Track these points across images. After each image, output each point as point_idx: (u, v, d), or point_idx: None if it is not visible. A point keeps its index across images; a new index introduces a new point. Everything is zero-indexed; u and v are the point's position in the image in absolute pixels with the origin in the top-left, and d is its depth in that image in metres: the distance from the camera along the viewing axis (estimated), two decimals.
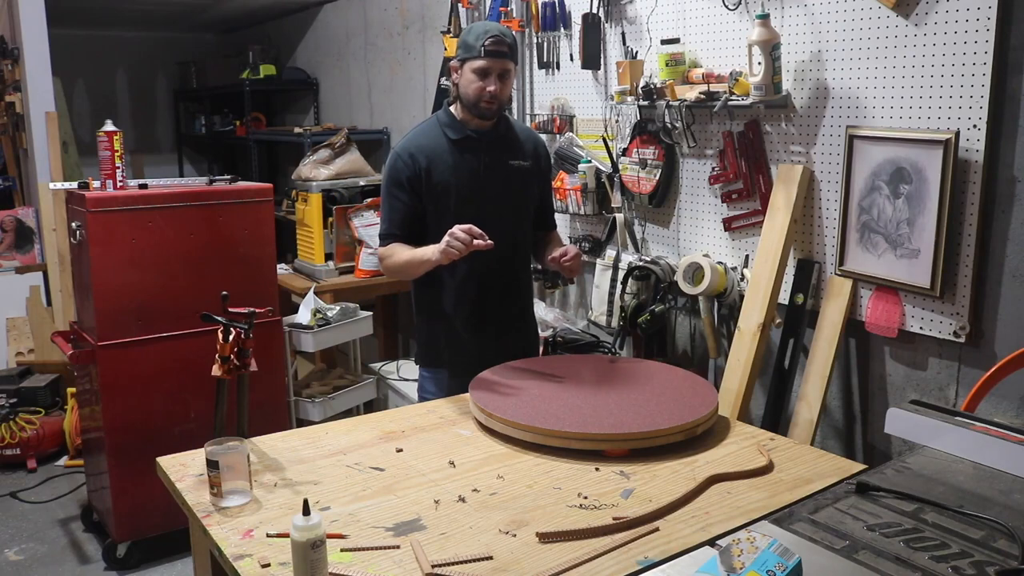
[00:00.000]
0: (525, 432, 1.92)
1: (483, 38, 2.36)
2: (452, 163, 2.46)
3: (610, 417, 1.94)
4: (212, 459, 1.64)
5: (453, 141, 2.47)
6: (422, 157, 2.46)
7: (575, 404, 2.04)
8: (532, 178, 2.60)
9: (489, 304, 2.54)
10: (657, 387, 2.16)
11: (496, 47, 2.36)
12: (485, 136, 2.50)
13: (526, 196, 2.60)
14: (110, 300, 2.98)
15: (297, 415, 3.89)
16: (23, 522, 3.56)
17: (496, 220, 2.41)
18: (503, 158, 2.52)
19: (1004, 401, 2.15)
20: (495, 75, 2.38)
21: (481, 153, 2.49)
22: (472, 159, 2.48)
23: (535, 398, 2.08)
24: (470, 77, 2.40)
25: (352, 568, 1.42)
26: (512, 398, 2.08)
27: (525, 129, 2.72)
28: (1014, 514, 1.40)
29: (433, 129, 2.52)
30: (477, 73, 2.38)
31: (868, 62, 2.37)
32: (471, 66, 2.39)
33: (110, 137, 3.00)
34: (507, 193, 2.52)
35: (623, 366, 2.41)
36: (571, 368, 2.36)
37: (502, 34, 2.38)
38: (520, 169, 2.55)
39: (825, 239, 2.56)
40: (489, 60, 2.37)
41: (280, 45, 6.61)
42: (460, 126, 2.49)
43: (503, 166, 2.52)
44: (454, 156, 2.47)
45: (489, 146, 2.50)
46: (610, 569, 1.41)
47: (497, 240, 2.32)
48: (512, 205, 2.55)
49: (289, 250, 4.73)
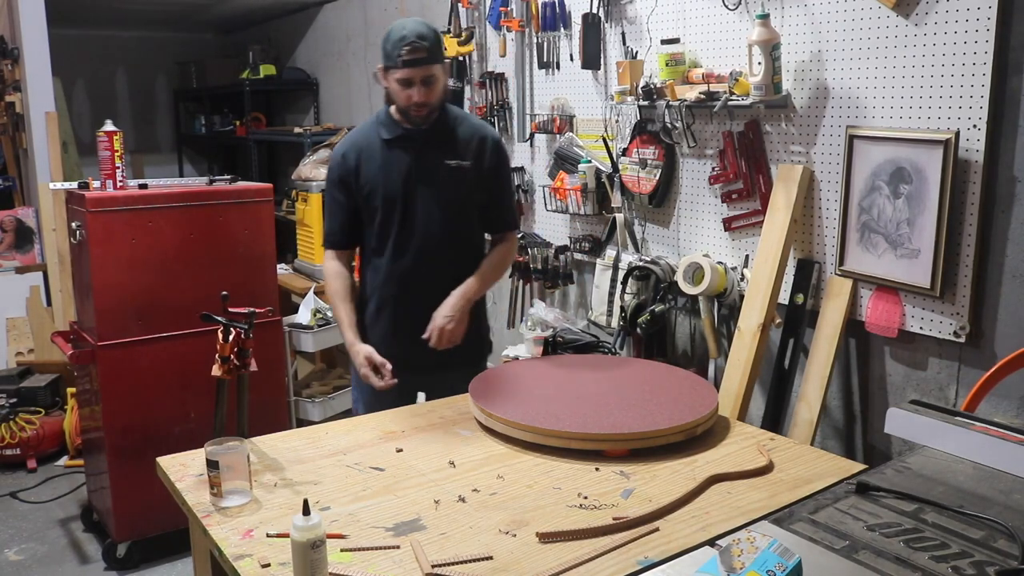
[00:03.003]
0: (525, 432, 1.92)
1: (399, 47, 2.26)
2: (381, 162, 2.40)
3: (610, 417, 1.94)
4: (212, 459, 1.64)
5: (385, 140, 2.41)
6: (353, 156, 2.42)
7: (575, 404, 2.03)
8: (473, 178, 2.45)
9: (416, 310, 2.40)
10: (657, 387, 2.16)
11: (413, 55, 2.25)
12: (419, 135, 2.40)
13: (463, 197, 2.46)
14: (110, 300, 2.98)
15: (297, 415, 3.90)
16: (23, 522, 3.56)
17: (425, 221, 2.39)
18: (438, 157, 2.41)
19: (1004, 401, 2.15)
20: (418, 82, 2.29)
21: (413, 152, 2.41)
22: (402, 158, 2.40)
23: (535, 398, 2.08)
24: (395, 86, 2.32)
25: (352, 568, 1.42)
26: (512, 398, 2.08)
27: (474, 126, 2.52)
28: (1014, 514, 1.40)
29: (370, 128, 2.47)
30: (400, 83, 2.30)
31: (868, 62, 2.37)
32: (393, 76, 2.31)
33: (110, 137, 3.00)
34: (439, 194, 2.42)
35: (623, 366, 2.41)
36: (571, 368, 2.36)
37: (418, 38, 2.26)
38: (457, 169, 2.42)
39: (825, 239, 2.56)
40: (408, 70, 2.27)
41: (280, 45, 6.61)
42: (394, 125, 2.42)
43: (437, 166, 2.41)
44: (384, 155, 2.41)
45: (423, 145, 2.41)
46: (610, 569, 1.41)
47: (426, 243, 2.34)
48: (444, 206, 2.43)
49: (289, 250, 4.73)
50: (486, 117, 3.87)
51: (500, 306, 3.96)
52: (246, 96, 6.15)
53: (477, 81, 3.94)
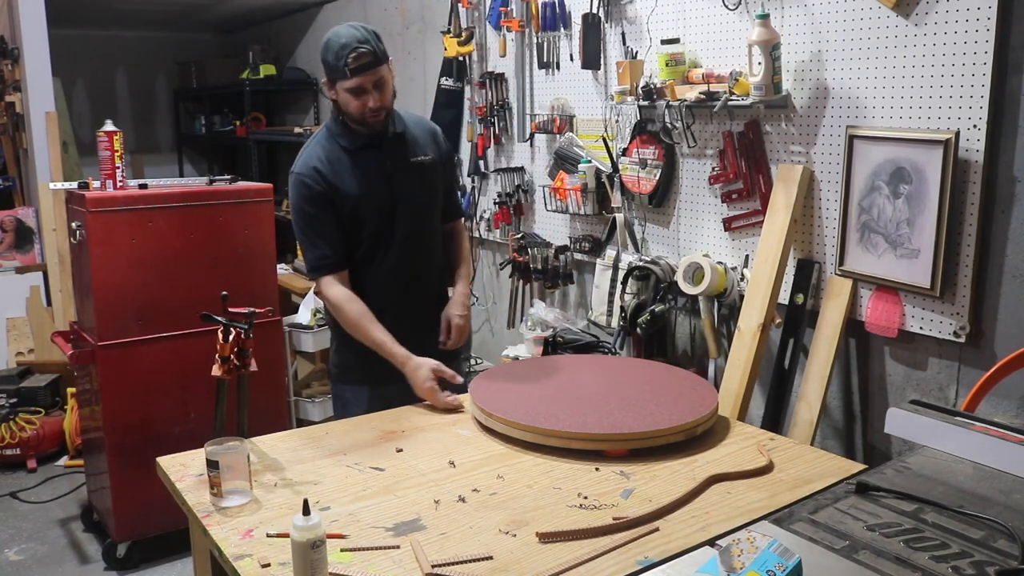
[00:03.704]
0: (525, 432, 1.92)
1: (343, 56, 2.19)
2: (355, 172, 2.34)
3: (610, 417, 1.94)
4: (212, 459, 1.64)
5: (350, 151, 2.34)
6: (326, 171, 2.31)
7: (575, 404, 2.03)
8: (437, 170, 2.48)
9: (410, 309, 2.44)
10: (657, 387, 2.16)
11: (359, 61, 2.19)
12: (380, 139, 2.36)
13: (434, 191, 2.49)
14: (110, 300, 2.98)
15: (297, 415, 3.90)
16: (23, 522, 3.57)
17: (411, 221, 2.39)
18: (404, 156, 2.40)
19: (1004, 401, 2.15)
20: (371, 88, 2.24)
21: (381, 157, 2.36)
22: (373, 164, 2.35)
23: (535, 398, 2.08)
24: (345, 97, 2.26)
25: (352, 568, 1.42)
26: (512, 398, 2.08)
27: (420, 120, 2.54)
28: (1014, 514, 1.40)
29: (326, 141, 2.37)
30: (351, 92, 2.24)
31: (868, 62, 2.37)
32: (343, 86, 2.24)
33: (110, 137, 3.00)
34: (416, 192, 2.42)
35: (623, 366, 2.40)
36: (571, 368, 2.36)
37: (360, 42, 2.20)
38: (424, 164, 2.43)
39: (825, 239, 2.56)
40: (357, 78, 2.21)
41: (280, 45, 6.62)
42: (353, 135, 2.35)
43: (407, 165, 2.40)
44: (354, 165, 2.34)
45: (388, 148, 2.37)
46: (610, 569, 1.41)
47: (416, 242, 2.32)
48: (423, 203, 2.45)
49: (289, 250, 4.73)
50: (486, 117, 3.87)
51: (500, 306, 3.96)
52: (246, 96, 6.16)
53: (477, 81, 3.94)
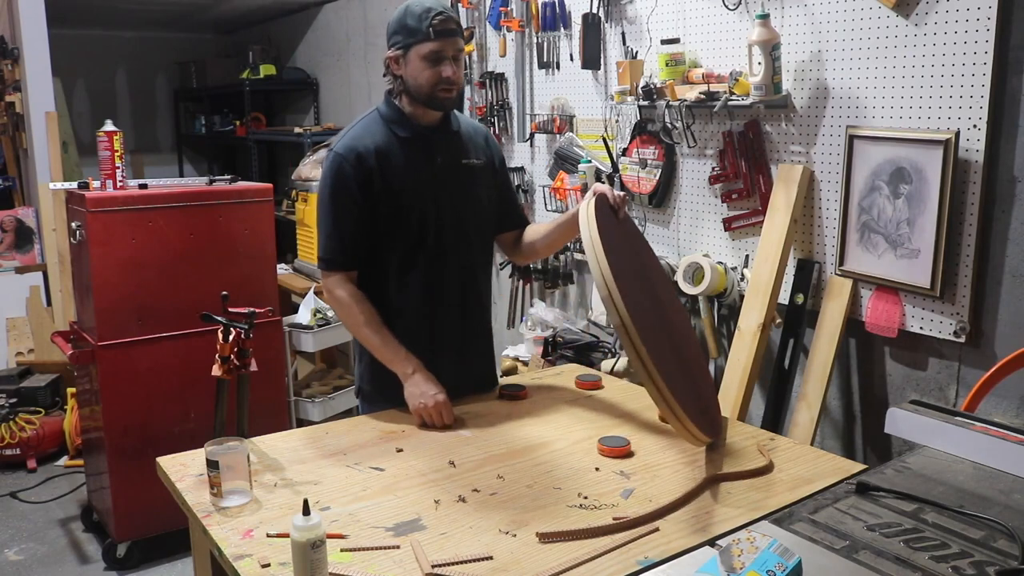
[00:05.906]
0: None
1: (428, 17, 2.01)
2: (404, 164, 2.10)
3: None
4: (212, 459, 1.64)
5: (403, 139, 2.11)
6: (371, 157, 2.08)
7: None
8: (488, 176, 2.25)
9: (448, 325, 2.19)
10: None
11: (444, 25, 2.02)
12: (437, 133, 2.15)
13: (484, 198, 2.24)
14: (110, 300, 2.98)
15: (297, 415, 3.90)
16: (23, 522, 3.56)
17: (455, 227, 2.15)
18: (457, 157, 2.18)
19: (1004, 401, 2.15)
20: (450, 57, 2.05)
21: (435, 153, 2.14)
22: (425, 160, 2.13)
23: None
24: (419, 65, 2.04)
25: (352, 568, 1.42)
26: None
27: (471, 122, 2.33)
28: (1014, 514, 1.40)
29: (376, 125, 2.13)
30: (428, 59, 2.03)
31: (868, 62, 2.37)
32: (419, 52, 2.03)
33: (110, 137, 3.00)
34: (464, 196, 2.18)
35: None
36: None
37: (446, 9, 2.04)
38: (474, 168, 2.20)
39: (825, 239, 2.55)
40: (440, 41, 2.02)
41: (280, 45, 6.62)
42: (409, 122, 2.12)
43: (457, 166, 2.17)
44: (406, 156, 2.11)
45: (442, 145, 2.16)
46: (610, 569, 1.41)
47: (456, 250, 2.11)
48: (471, 210, 2.20)
49: (289, 250, 4.73)
50: (486, 117, 3.87)
51: (500, 306, 3.96)
52: (246, 96, 6.15)
53: (477, 81, 3.94)
